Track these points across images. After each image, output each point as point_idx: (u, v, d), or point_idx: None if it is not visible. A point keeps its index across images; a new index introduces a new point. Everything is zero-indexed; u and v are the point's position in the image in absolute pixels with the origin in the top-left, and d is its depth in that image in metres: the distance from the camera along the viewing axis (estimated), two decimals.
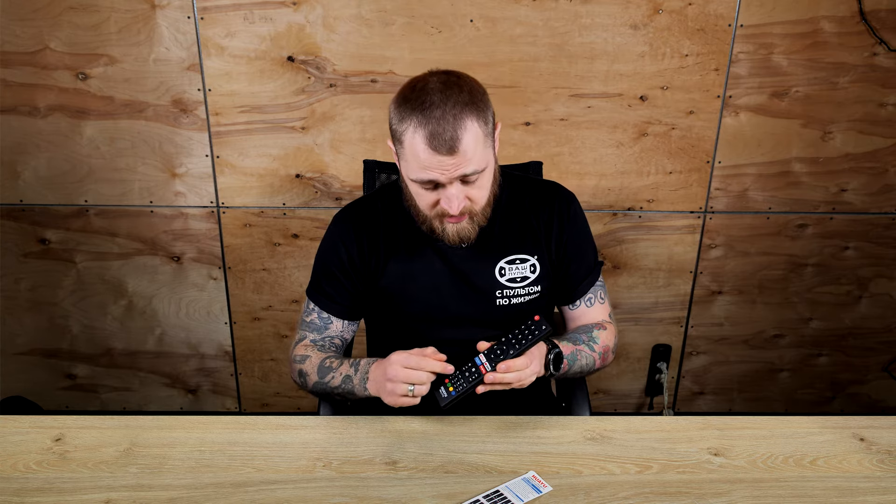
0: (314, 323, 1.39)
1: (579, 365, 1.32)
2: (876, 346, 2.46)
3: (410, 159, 1.20)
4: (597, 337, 1.37)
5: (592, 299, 1.42)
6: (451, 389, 1.15)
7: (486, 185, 1.26)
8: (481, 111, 1.19)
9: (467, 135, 1.16)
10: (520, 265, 1.36)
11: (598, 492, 1.09)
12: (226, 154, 2.14)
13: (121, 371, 2.41)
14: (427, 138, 1.16)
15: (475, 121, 1.18)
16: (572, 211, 1.40)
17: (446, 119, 1.15)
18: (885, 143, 2.19)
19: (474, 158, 1.18)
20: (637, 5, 2.01)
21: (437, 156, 1.16)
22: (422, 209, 1.27)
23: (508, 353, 1.15)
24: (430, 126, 1.16)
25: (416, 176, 1.20)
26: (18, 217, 2.20)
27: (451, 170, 1.18)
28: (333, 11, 1.99)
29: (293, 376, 1.36)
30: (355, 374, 1.26)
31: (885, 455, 1.19)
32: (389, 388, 1.16)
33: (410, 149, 1.19)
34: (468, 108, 1.17)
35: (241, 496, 1.07)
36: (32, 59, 2.02)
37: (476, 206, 1.26)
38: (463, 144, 1.16)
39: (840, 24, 2.05)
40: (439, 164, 1.17)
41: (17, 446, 1.17)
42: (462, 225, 1.26)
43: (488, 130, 1.21)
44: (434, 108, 1.16)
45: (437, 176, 1.18)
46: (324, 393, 1.32)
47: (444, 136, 1.15)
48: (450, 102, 1.16)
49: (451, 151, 1.16)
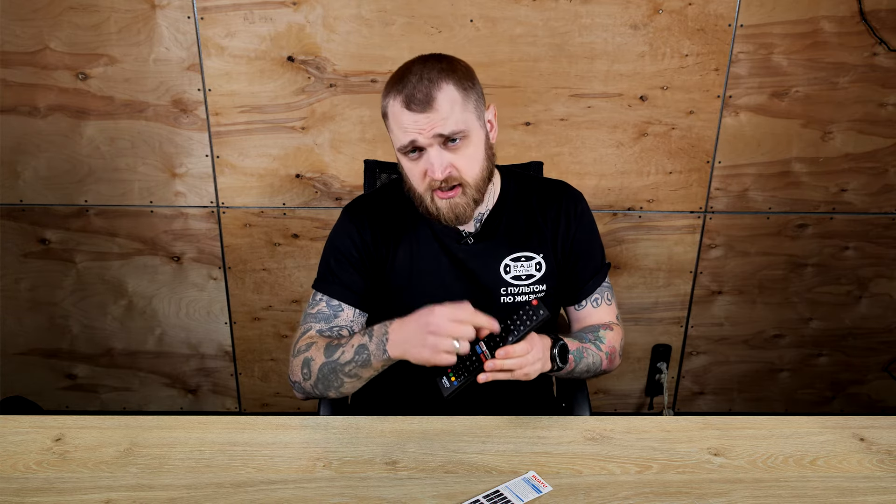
0: (322, 313, 1.32)
1: (585, 363, 1.31)
2: (876, 346, 2.46)
3: (394, 126, 1.23)
4: (603, 337, 1.36)
5: (599, 300, 1.42)
6: (454, 379, 1.13)
7: (475, 155, 1.25)
8: (459, 78, 1.22)
9: (441, 94, 1.19)
10: (525, 263, 1.36)
11: (598, 492, 1.09)
12: (226, 154, 2.14)
13: (121, 371, 2.41)
14: (403, 101, 1.20)
15: (451, 84, 1.21)
16: (580, 210, 1.40)
17: (422, 82, 1.20)
18: (885, 143, 2.19)
19: (450, 118, 1.20)
20: (637, 5, 2.01)
21: (413, 115, 1.19)
22: (416, 187, 1.27)
23: (507, 340, 1.13)
24: (406, 90, 1.20)
25: (399, 142, 1.23)
26: (18, 217, 2.20)
27: (427, 128, 1.19)
28: (333, 11, 1.99)
29: (292, 376, 1.29)
30: (371, 341, 1.19)
31: (885, 455, 1.19)
32: (432, 342, 1.10)
33: (393, 116, 1.22)
34: (445, 72, 1.21)
35: (241, 496, 1.07)
36: (32, 59, 2.02)
37: (465, 177, 1.24)
38: (437, 102, 1.19)
39: (840, 24, 2.05)
40: (415, 123, 1.20)
41: (17, 446, 1.17)
42: (455, 200, 1.25)
43: (469, 98, 1.23)
44: (411, 75, 1.21)
45: (416, 136, 1.20)
46: (331, 375, 1.23)
47: (417, 96, 1.19)
48: (426, 68, 1.21)
49: (425, 108, 1.19)
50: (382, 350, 1.18)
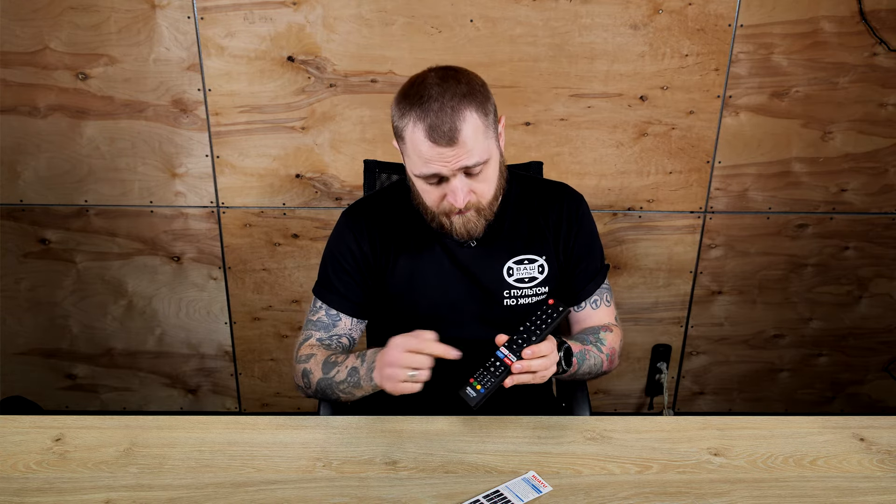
0: (321, 321, 1.36)
1: (588, 365, 1.31)
2: (876, 346, 2.46)
3: (412, 154, 1.20)
4: (603, 339, 1.36)
5: (598, 301, 1.42)
6: (479, 388, 1.11)
7: (491, 178, 1.25)
8: (480, 102, 1.19)
9: (466, 125, 1.16)
10: (528, 265, 1.36)
11: (598, 492, 1.09)
12: (226, 154, 2.14)
13: (121, 371, 2.41)
14: (426, 131, 1.16)
15: (474, 111, 1.18)
16: (581, 212, 1.40)
17: (444, 111, 1.16)
18: (885, 143, 2.19)
19: (475, 149, 1.18)
20: (637, 5, 2.01)
21: (437, 148, 1.16)
22: (429, 206, 1.27)
23: (531, 340, 1.12)
24: (428, 119, 1.16)
25: (420, 171, 1.20)
26: (18, 217, 2.20)
27: (453, 161, 1.18)
28: (333, 11, 1.99)
29: (296, 380, 1.33)
30: (362, 365, 1.22)
31: (885, 455, 1.19)
32: (388, 374, 1.13)
33: (411, 144, 1.19)
34: (466, 99, 1.17)
35: (241, 496, 1.07)
36: (32, 59, 2.02)
37: (482, 200, 1.25)
38: (462, 135, 1.16)
39: (840, 24, 2.05)
40: (440, 157, 1.17)
41: (17, 446, 1.17)
42: (468, 217, 1.25)
43: (489, 122, 1.21)
44: (432, 101, 1.16)
45: (440, 168, 1.18)
46: (328, 390, 1.28)
47: (442, 128, 1.15)
48: (447, 94, 1.17)
49: (451, 142, 1.16)
50: (369, 377, 1.21)
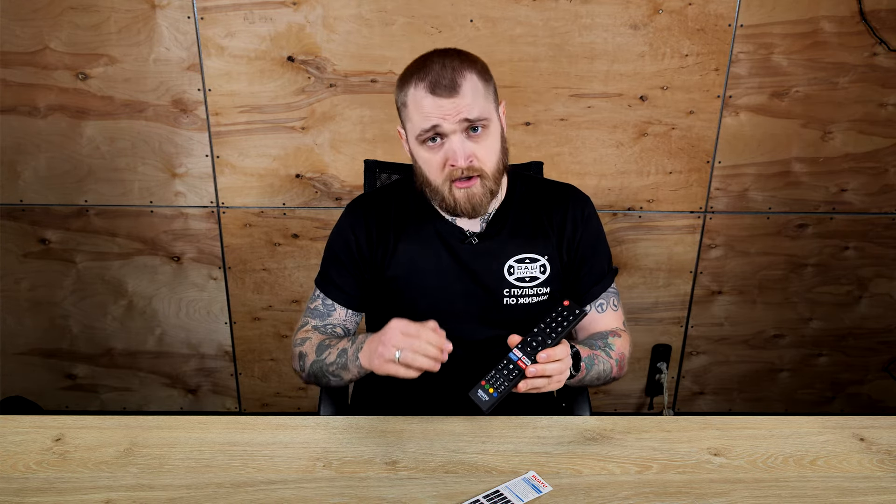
0: (318, 310, 1.38)
1: (597, 371, 1.28)
2: (876, 346, 2.46)
3: (414, 114, 1.23)
4: (612, 344, 1.34)
5: (604, 305, 1.40)
6: (492, 391, 1.08)
7: (493, 146, 1.26)
8: (480, 70, 1.25)
9: (466, 81, 1.21)
10: (529, 265, 1.35)
11: (598, 492, 1.09)
12: (226, 154, 2.14)
13: (121, 371, 2.41)
14: (428, 86, 1.21)
15: (474, 74, 1.23)
16: (587, 213, 1.39)
17: (445, 69, 1.21)
18: (885, 143, 2.19)
19: (475, 104, 1.21)
20: (637, 5, 2.01)
21: (437, 99, 1.20)
22: (432, 179, 1.26)
23: (546, 343, 1.09)
24: (430, 76, 1.21)
25: (421, 127, 1.22)
26: (18, 217, 2.20)
27: (453, 113, 1.20)
28: (333, 11, 1.99)
29: (293, 363, 1.35)
30: (351, 346, 1.23)
31: (885, 455, 1.19)
32: (379, 351, 1.12)
33: (414, 103, 1.22)
34: (467, 62, 1.24)
35: (241, 496, 1.07)
36: (32, 59, 2.02)
37: (484, 167, 1.24)
38: (462, 88, 1.20)
39: (840, 24, 2.05)
40: (440, 109, 1.20)
41: (17, 446, 1.17)
42: (472, 190, 1.24)
43: (489, 89, 1.25)
44: (433, 63, 1.22)
45: (439, 121, 1.20)
46: (319, 373, 1.28)
47: (443, 82, 1.20)
48: (447, 57, 1.23)
49: (451, 93, 1.20)
50: (356, 357, 1.21)
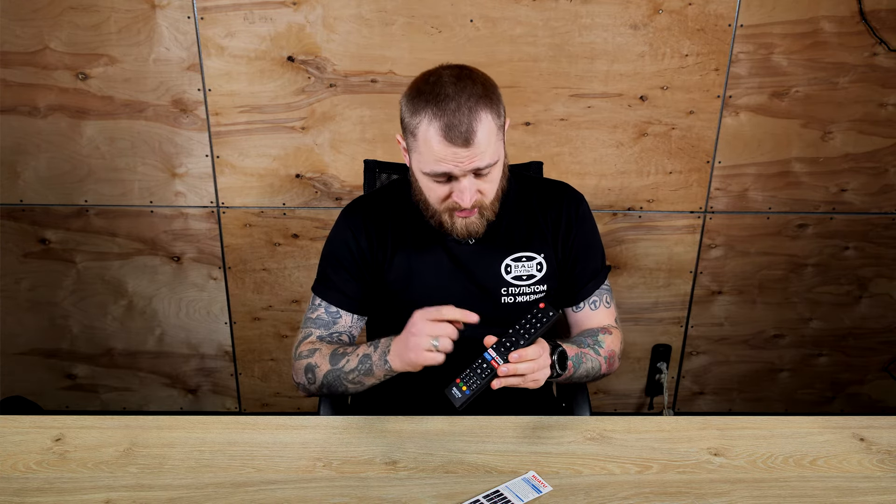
0: (321, 318, 1.36)
1: (584, 369, 1.30)
2: (876, 346, 2.46)
3: (424, 152, 1.19)
4: (602, 341, 1.36)
5: (597, 303, 1.41)
6: (465, 388, 1.11)
7: (496, 178, 1.26)
8: (494, 104, 1.20)
9: (481, 127, 1.17)
10: (526, 263, 1.36)
11: (598, 492, 1.09)
12: (226, 154, 2.14)
13: (121, 371, 2.41)
14: (442, 130, 1.16)
15: (489, 113, 1.18)
16: (581, 212, 1.40)
17: (461, 111, 1.16)
18: (885, 143, 2.19)
19: (488, 151, 1.19)
20: (637, 5, 2.01)
21: (452, 147, 1.16)
22: (432, 203, 1.27)
23: (518, 344, 1.12)
24: (445, 118, 1.16)
25: (430, 168, 1.20)
26: (18, 217, 2.20)
27: (466, 162, 1.18)
28: (333, 11, 1.99)
29: (296, 378, 1.32)
30: (375, 351, 1.22)
31: (885, 455, 1.19)
32: (413, 343, 1.12)
33: (425, 141, 1.18)
34: (482, 100, 1.18)
35: (241, 496, 1.07)
36: (32, 59, 2.02)
37: (486, 200, 1.25)
38: (478, 136, 1.16)
39: (840, 24, 2.05)
40: (454, 157, 1.17)
41: (17, 446, 1.17)
42: (471, 219, 1.26)
43: (500, 123, 1.22)
44: (449, 99, 1.16)
45: (452, 168, 1.18)
46: (335, 382, 1.27)
47: (459, 128, 1.15)
48: (464, 94, 1.16)
49: (467, 143, 1.16)
50: (384, 360, 1.20)
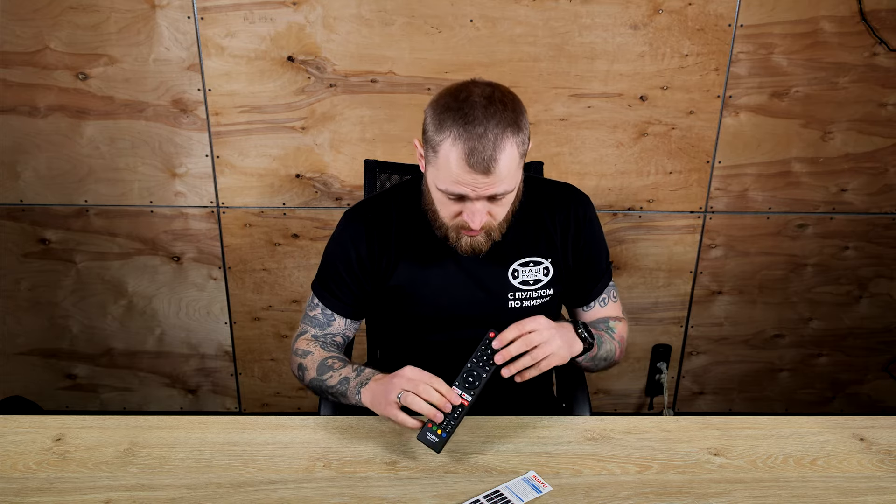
0: (317, 318, 1.39)
1: (605, 350, 1.34)
2: (876, 346, 2.46)
3: (443, 170, 1.18)
4: (614, 327, 1.40)
5: (606, 299, 1.45)
6: (440, 432, 1.12)
7: (509, 203, 1.26)
8: (521, 132, 1.18)
9: (504, 156, 1.15)
10: (533, 268, 1.36)
11: (598, 492, 1.09)
12: (226, 154, 2.14)
13: (121, 371, 2.41)
14: (465, 154, 1.14)
15: (514, 142, 1.16)
16: (588, 215, 1.40)
17: (487, 137, 1.13)
18: (885, 143, 2.19)
19: (507, 179, 1.17)
20: (637, 5, 2.01)
21: (471, 173, 1.15)
22: (441, 217, 1.27)
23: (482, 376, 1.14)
24: (470, 142, 1.13)
25: (445, 187, 1.19)
26: (18, 217, 2.20)
27: (483, 188, 1.17)
28: (333, 11, 1.99)
29: (292, 368, 1.37)
30: (354, 378, 1.25)
31: (885, 455, 1.19)
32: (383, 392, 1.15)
33: (445, 160, 1.17)
34: (510, 128, 1.15)
35: (241, 496, 1.07)
36: (32, 59, 2.02)
37: (495, 222, 1.25)
38: (499, 166, 1.15)
39: (840, 24, 2.05)
40: (472, 182, 1.16)
41: (17, 446, 1.17)
42: (478, 239, 1.26)
43: (523, 150, 1.20)
44: (476, 123, 1.14)
45: (467, 192, 1.18)
46: (318, 390, 1.32)
47: (482, 156, 1.13)
48: (493, 120, 1.14)
49: (487, 172, 1.15)
50: (357, 391, 1.23)
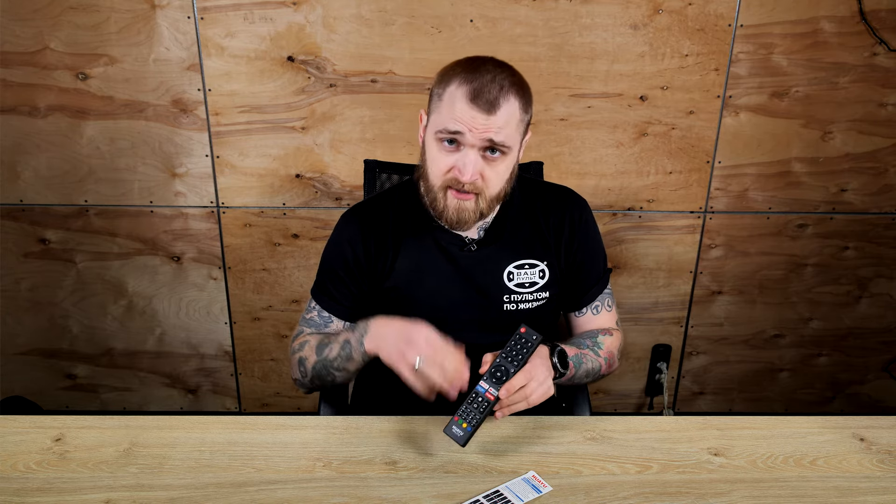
0: (314, 320, 1.38)
1: (585, 369, 1.31)
2: (876, 346, 2.46)
3: (445, 110, 1.20)
4: (601, 342, 1.37)
5: (599, 307, 1.42)
6: (465, 425, 1.13)
7: (503, 173, 1.25)
8: (525, 97, 1.22)
9: (508, 104, 1.19)
10: (529, 270, 1.35)
11: (598, 492, 1.09)
12: (226, 154, 2.14)
13: (121, 371, 2.41)
14: (470, 92, 1.18)
15: (518, 100, 1.20)
16: (584, 218, 1.40)
17: (494, 83, 1.18)
18: (885, 143, 2.19)
19: (505, 130, 1.19)
20: (637, 5, 2.01)
21: (473, 110, 1.17)
22: (431, 176, 1.25)
23: (509, 372, 1.14)
24: (476, 83, 1.18)
25: (445, 125, 1.20)
26: (18, 217, 2.20)
27: (481, 129, 1.18)
28: (333, 11, 1.99)
29: (293, 374, 1.35)
30: (353, 334, 1.23)
31: (885, 455, 1.19)
32: (401, 349, 1.13)
33: (449, 99, 1.20)
34: (516, 86, 1.20)
35: (241, 496, 1.07)
36: (32, 59, 2.02)
37: (486, 190, 1.24)
38: (501, 109, 1.18)
39: (840, 24, 2.05)
40: (472, 120, 1.18)
41: (17, 446, 1.17)
42: (465, 204, 1.24)
43: (524, 121, 1.23)
44: (485, 72, 1.19)
45: (465, 130, 1.18)
46: (323, 371, 1.29)
47: (487, 96, 1.17)
48: (502, 74, 1.19)
49: (489, 110, 1.17)
50: (360, 342, 1.21)
